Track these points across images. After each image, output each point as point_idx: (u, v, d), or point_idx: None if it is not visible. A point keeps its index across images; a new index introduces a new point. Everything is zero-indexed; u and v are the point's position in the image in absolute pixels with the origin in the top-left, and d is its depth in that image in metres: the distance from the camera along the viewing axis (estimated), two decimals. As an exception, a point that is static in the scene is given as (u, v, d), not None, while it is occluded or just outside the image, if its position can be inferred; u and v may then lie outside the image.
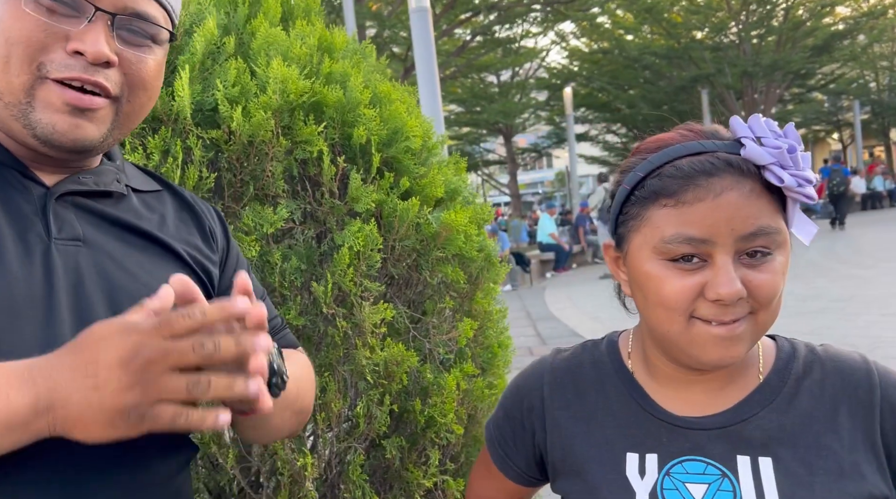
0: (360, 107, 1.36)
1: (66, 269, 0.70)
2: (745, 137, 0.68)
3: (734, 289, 0.64)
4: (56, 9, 0.68)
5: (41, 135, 0.70)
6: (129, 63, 0.72)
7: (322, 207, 1.32)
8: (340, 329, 1.27)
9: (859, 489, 0.67)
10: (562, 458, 0.80)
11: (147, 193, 0.84)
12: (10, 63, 0.68)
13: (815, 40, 19.58)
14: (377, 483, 1.35)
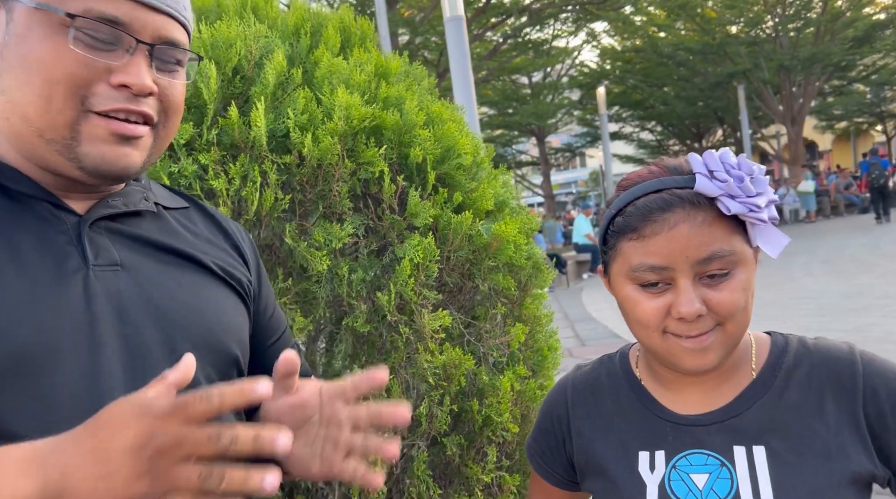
0: (415, 128, 1.46)
1: (107, 295, 0.70)
2: (698, 172, 0.77)
3: (693, 308, 0.74)
4: (97, 44, 0.69)
5: (89, 166, 0.70)
6: (163, 89, 0.74)
7: (383, 222, 1.43)
8: (403, 335, 1.37)
9: (844, 469, 0.75)
10: (586, 460, 0.90)
11: (176, 210, 0.86)
12: (53, 101, 0.68)
13: (855, 31, 19.08)
14: (439, 479, 1.45)
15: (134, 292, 0.72)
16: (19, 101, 0.69)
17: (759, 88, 19.99)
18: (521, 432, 1.55)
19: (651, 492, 0.81)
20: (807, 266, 9.61)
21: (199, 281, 0.79)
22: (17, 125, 0.70)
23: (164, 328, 0.73)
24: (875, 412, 0.76)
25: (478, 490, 1.46)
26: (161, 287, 0.75)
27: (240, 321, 0.83)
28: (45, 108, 0.68)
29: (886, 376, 0.78)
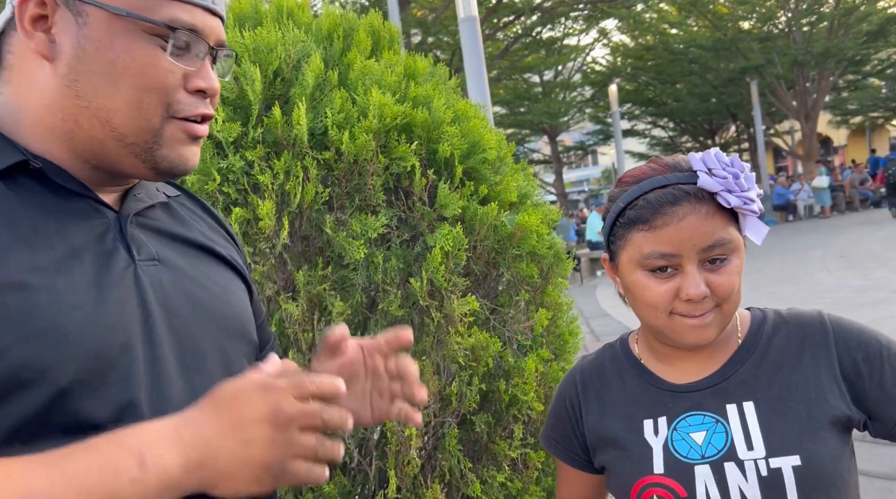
0: (443, 125, 1.55)
1: (153, 289, 0.72)
2: (699, 170, 0.87)
3: (700, 290, 0.84)
4: (181, 52, 0.71)
5: (165, 168, 0.73)
6: (215, 86, 0.77)
7: (414, 213, 1.52)
8: (434, 319, 1.47)
9: (824, 413, 0.85)
10: (597, 436, 0.99)
11: (175, 198, 0.87)
12: (143, 108, 0.69)
13: (869, 25, 18.94)
14: (468, 454, 1.54)
15: (174, 286, 0.74)
16: (103, 107, 0.69)
17: (772, 84, 19.90)
18: (545, 411, 1.64)
19: (657, 453, 0.90)
20: (822, 261, 9.61)
21: (217, 271, 0.82)
22: (92, 129, 0.70)
23: (204, 319, 0.76)
24: (849, 362, 0.87)
25: (505, 465, 1.55)
26: (193, 280, 0.77)
27: (249, 308, 0.87)
28: (134, 114, 0.69)
29: (853, 331, 0.89)
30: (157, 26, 0.69)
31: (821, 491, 0.83)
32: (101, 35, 0.69)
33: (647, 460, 0.91)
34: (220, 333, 0.77)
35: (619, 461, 0.95)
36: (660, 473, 0.89)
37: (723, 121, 25.58)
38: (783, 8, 19.69)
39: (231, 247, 0.89)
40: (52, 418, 0.62)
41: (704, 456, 0.87)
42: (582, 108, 23.46)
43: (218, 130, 1.36)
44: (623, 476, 0.93)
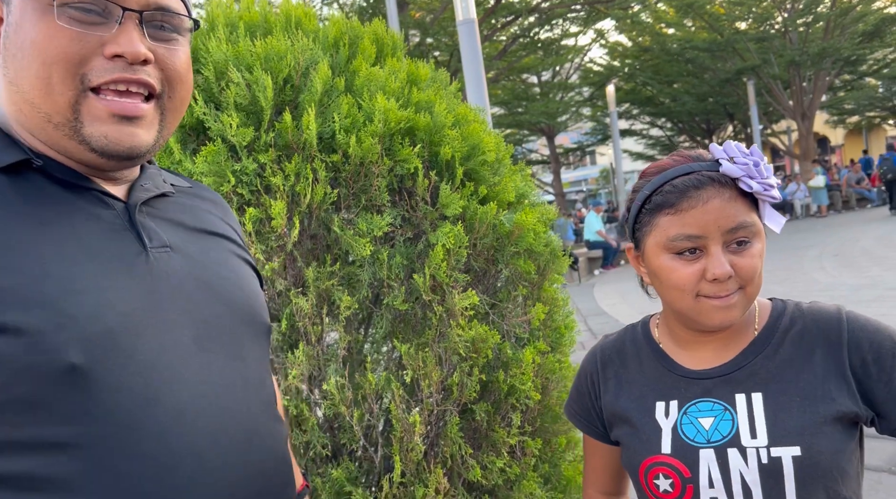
0: (444, 129, 1.63)
1: (166, 275, 0.73)
2: (721, 158, 0.92)
3: (725, 270, 0.88)
4: (85, 18, 0.68)
5: (98, 148, 0.70)
6: (163, 59, 0.73)
7: (417, 213, 1.60)
8: (437, 313, 1.55)
9: (829, 409, 0.89)
10: (613, 413, 1.05)
11: (185, 190, 0.88)
12: (52, 83, 0.67)
13: (865, 26, 19.02)
14: (469, 441, 1.62)
15: (186, 271, 0.76)
16: (24, 89, 0.68)
17: (769, 84, 20.00)
18: (542, 401, 1.73)
19: (666, 434, 0.96)
20: (818, 260, 9.70)
21: (229, 258, 0.84)
22: (30, 114, 0.70)
23: (217, 303, 0.77)
24: (859, 361, 0.90)
25: (504, 452, 1.63)
26: (205, 266, 0.79)
27: (261, 294, 0.89)
28: (46, 90, 0.67)
29: (868, 330, 0.92)
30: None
31: (818, 481, 0.87)
32: (17, 17, 0.69)
33: (657, 440, 0.96)
34: (233, 316, 0.79)
35: (630, 438, 1.00)
36: (667, 453, 0.94)
37: (720, 120, 25.69)
38: (779, 8, 19.79)
39: (235, 234, 0.91)
40: (65, 399, 0.63)
41: (710, 441, 0.92)
42: (580, 108, 23.55)
43: (232, 135, 1.44)
44: (633, 453, 0.99)
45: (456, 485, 1.58)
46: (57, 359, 0.63)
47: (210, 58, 1.52)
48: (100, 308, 0.66)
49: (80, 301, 0.65)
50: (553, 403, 1.76)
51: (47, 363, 0.62)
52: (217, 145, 1.41)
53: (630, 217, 0.99)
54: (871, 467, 3.14)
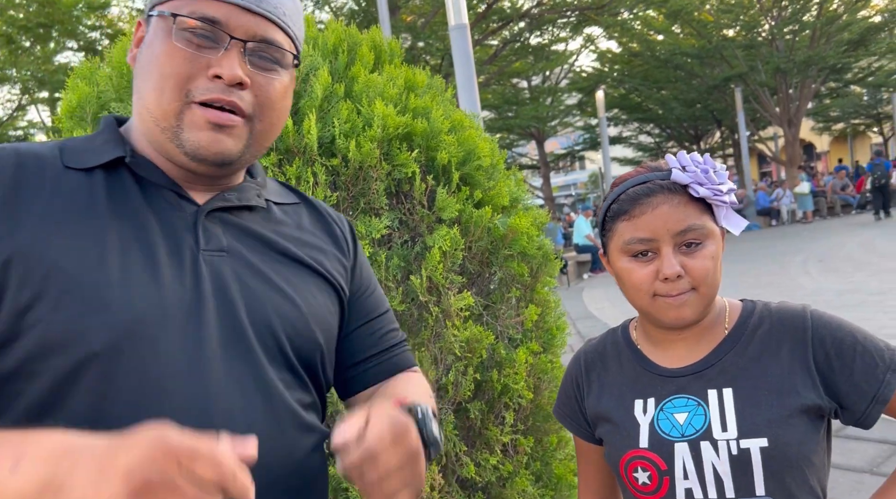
0: (441, 134, 1.68)
1: (211, 276, 0.78)
2: (673, 167, 0.99)
3: (674, 270, 0.94)
4: (198, 42, 0.78)
5: (190, 151, 0.79)
6: (258, 86, 0.81)
7: (414, 216, 1.64)
8: (433, 314, 1.59)
9: (795, 402, 0.94)
10: (596, 412, 1.10)
11: (286, 205, 0.95)
12: (164, 93, 0.78)
13: (850, 34, 19.31)
14: (464, 439, 1.66)
15: (234, 276, 0.80)
16: (143, 96, 0.80)
17: (756, 91, 20.23)
18: (534, 400, 1.77)
19: (643, 429, 1.02)
20: (804, 265, 9.83)
21: (294, 272, 0.87)
22: (145, 117, 0.81)
23: (256, 310, 0.80)
24: (822, 356, 0.96)
25: (497, 450, 1.67)
26: (258, 274, 0.83)
27: (328, 313, 0.90)
28: (158, 99, 0.79)
29: (831, 327, 0.98)
30: (165, 16, 0.79)
31: (785, 471, 0.92)
32: (150, 37, 0.81)
33: (635, 435, 1.01)
34: (276, 326, 0.81)
35: (611, 435, 1.06)
36: (644, 447, 1.00)
37: (708, 127, 25.94)
38: (766, 17, 20.04)
39: (334, 254, 0.94)
40: (80, 382, 0.69)
41: (684, 435, 0.97)
42: (569, 113, 23.70)
43: (234, 138, 1.47)
44: (614, 448, 1.04)
45: (450, 482, 1.62)
46: (80, 343, 0.69)
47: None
48: (135, 298, 0.73)
49: (119, 290, 0.72)
50: (545, 402, 1.80)
51: (72, 345, 0.69)
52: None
53: (598, 225, 1.07)
54: (853, 468, 3.21)
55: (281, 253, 0.87)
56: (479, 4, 15.88)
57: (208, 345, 0.76)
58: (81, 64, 1.71)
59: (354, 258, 1.00)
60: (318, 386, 0.89)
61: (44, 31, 15.75)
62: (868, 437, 3.44)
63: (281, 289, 0.84)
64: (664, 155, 1.04)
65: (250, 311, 0.80)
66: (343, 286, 0.95)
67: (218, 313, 0.77)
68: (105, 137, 0.84)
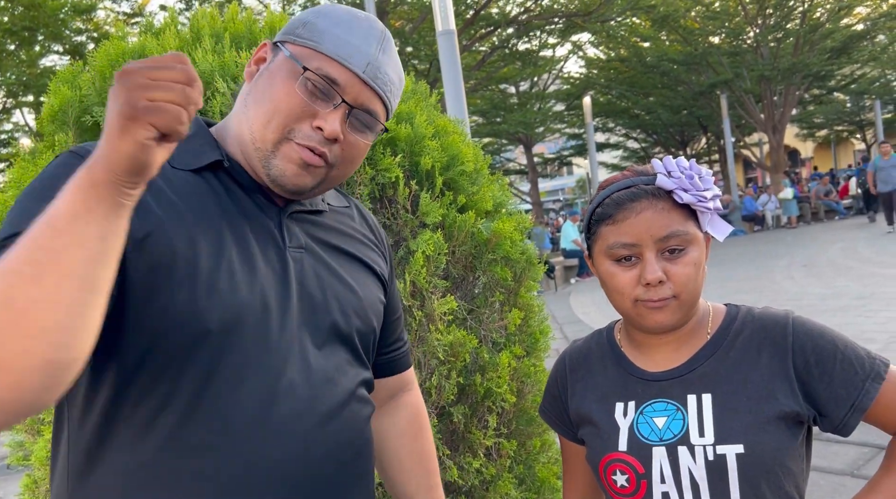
0: (425, 139, 1.69)
1: (295, 270, 0.92)
2: (659, 172, 0.99)
3: (656, 275, 0.95)
4: (316, 93, 0.89)
5: (274, 177, 0.91)
6: (349, 144, 0.93)
7: (398, 220, 1.65)
8: (416, 318, 1.60)
9: (773, 408, 0.95)
10: (578, 413, 1.11)
11: (340, 208, 1.09)
12: (270, 124, 0.89)
13: (833, 42, 19.59)
14: (447, 442, 1.67)
15: (312, 269, 0.95)
16: (251, 116, 0.92)
17: (741, 97, 20.44)
18: (517, 404, 1.78)
19: (623, 433, 1.02)
20: (787, 270, 9.93)
21: (353, 266, 1.02)
22: (244, 131, 0.92)
23: (329, 297, 0.95)
24: (802, 363, 0.97)
25: (480, 453, 1.68)
26: (329, 268, 0.98)
27: (380, 303, 1.07)
28: (264, 125, 0.90)
29: (812, 335, 0.98)
30: (298, 66, 0.90)
31: (760, 477, 0.93)
32: (274, 69, 0.92)
33: (614, 438, 1.02)
34: (341, 311, 0.96)
35: (592, 437, 1.06)
36: (623, 450, 1.00)
37: (694, 132, 26.17)
38: (751, 24, 20.27)
39: (378, 255, 1.10)
40: (194, 356, 0.81)
41: (662, 439, 0.98)
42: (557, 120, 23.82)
43: (218, 143, 1.48)
44: (594, 450, 1.05)
45: (434, 485, 1.63)
46: (197, 321, 0.82)
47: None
48: (239, 284, 0.85)
49: (226, 277, 0.85)
50: (528, 405, 1.81)
51: (191, 324, 0.81)
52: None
53: (584, 228, 1.08)
54: (834, 471, 3.24)
55: (342, 251, 1.02)
56: (467, 10, 15.94)
57: (293, 329, 0.89)
58: (64, 68, 1.71)
59: (389, 260, 1.15)
60: (370, 365, 1.05)
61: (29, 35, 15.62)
62: (849, 440, 3.48)
63: (347, 282, 0.99)
64: (651, 160, 1.05)
65: (326, 300, 0.94)
66: (387, 282, 1.11)
67: (300, 301, 0.91)
68: (201, 139, 0.95)
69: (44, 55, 16.89)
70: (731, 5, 20.12)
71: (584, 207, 28.96)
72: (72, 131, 1.57)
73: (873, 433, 3.46)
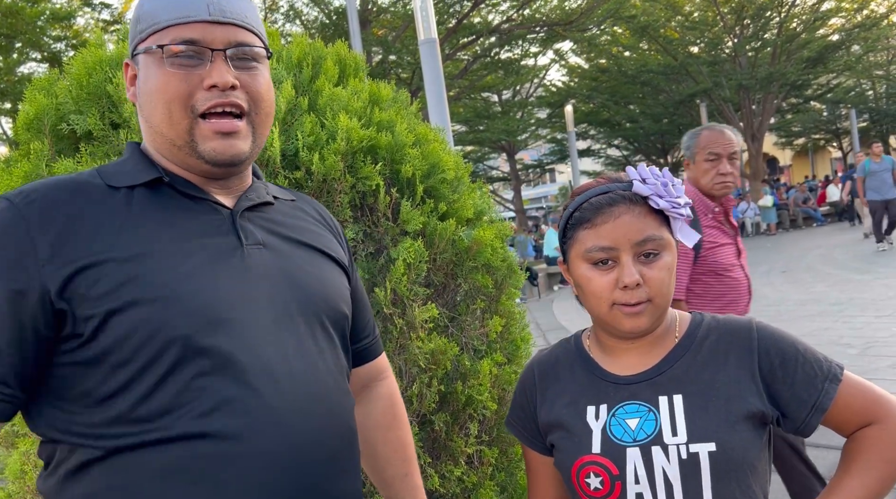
0: (405, 147, 1.69)
1: (257, 266, 0.92)
2: (634, 179, 1.02)
3: (634, 278, 0.97)
4: (187, 63, 0.89)
5: (210, 159, 0.91)
6: (247, 83, 0.92)
7: (378, 228, 1.65)
8: (397, 326, 1.59)
9: (740, 408, 0.98)
10: (548, 420, 1.11)
11: (287, 201, 1.08)
12: (173, 114, 0.90)
13: (809, 52, 19.93)
14: (428, 450, 1.67)
15: (274, 264, 0.94)
16: (154, 123, 0.92)
17: (720, 106, 20.71)
18: (498, 411, 1.78)
19: (596, 435, 1.03)
20: (767, 276, 10.05)
21: (315, 258, 1.02)
22: (161, 141, 0.92)
23: (297, 291, 0.95)
24: (767, 366, 1.00)
25: (462, 461, 1.67)
26: (291, 261, 0.97)
27: (346, 290, 1.07)
28: (169, 121, 0.90)
29: (775, 339, 1.02)
30: (153, 51, 0.91)
31: (731, 474, 0.95)
32: (144, 73, 0.93)
33: (587, 441, 1.03)
34: (311, 304, 0.96)
35: (563, 441, 1.07)
36: (597, 452, 1.01)
37: (675, 140, 26.40)
38: (730, 34, 20.57)
39: (336, 245, 1.10)
40: (165, 362, 0.82)
41: (636, 440, 0.99)
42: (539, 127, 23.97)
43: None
44: (566, 453, 1.06)
45: (415, 494, 1.62)
46: (166, 329, 0.82)
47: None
48: (200, 288, 0.86)
49: (186, 283, 0.85)
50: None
51: (162, 332, 0.82)
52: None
53: (559, 233, 1.09)
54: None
55: (299, 242, 1.01)
56: (450, 19, 16.02)
57: (264, 323, 0.89)
58: (41, 76, 1.69)
59: (346, 246, 1.15)
60: (347, 351, 1.04)
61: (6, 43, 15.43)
62: (828, 444, 3.51)
63: (312, 272, 0.99)
64: (626, 168, 1.07)
65: (292, 292, 0.94)
66: (348, 268, 1.10)
67: (268, 297, 0.91)
68: (135, 160, 0.96)
69: (21, 63, 16.69)
70: (710, 16, 20.41)
71: (566, 214, 29.15)
72: (48, 139, 1.55)
73: (851, 437, 3.49)
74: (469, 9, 15.91)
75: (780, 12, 19.57)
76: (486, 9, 16.99)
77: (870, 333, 5.57)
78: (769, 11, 19.51)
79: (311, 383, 0.91)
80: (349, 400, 0.99)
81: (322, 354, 0.95)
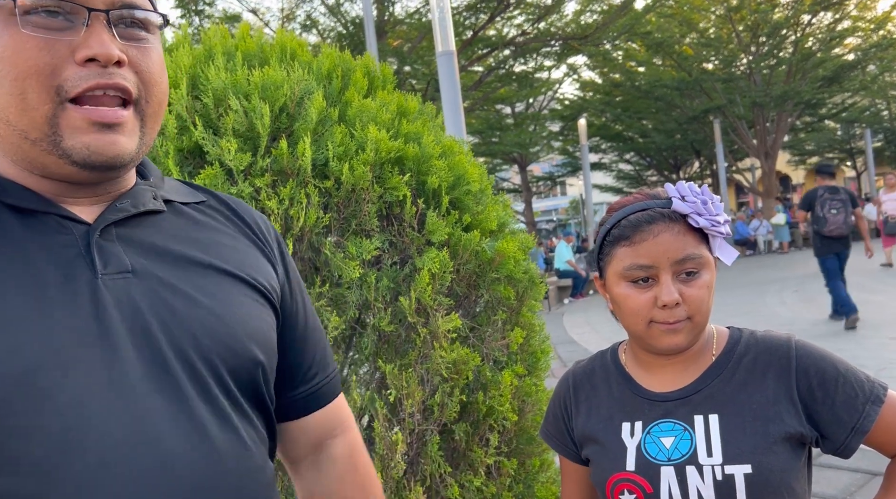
0: (432, 159, 1.72)
1: (118, 303, 0.66)
2: (673, 197, 1.02)
3: (673, 297, 0.97)
4: (51, 24, 0.63)
5: (80, 159, 0.65)
6: (136, 61, 0.68)
7: (404, 238, 1.67)
8: (421, 335, 1.61)
9: (778, 429, 0.97)
10: (583, 433, 1.12)
11: (192, 205, 0.81)
12: (28, 97, 0.63)
13: (824, 71, 19.92)
14: (448, 460, 1.68)
15: (147, 298, 0.68)
16: (2, 108, 0.64)
17: (734, 123, 20.70)
18: (518, 423, 1.79)
19: (630, 452, 1.03)
20: (779, 294, 9.99)
21: (219, 284, 0.75)
22: (5, 132, 0.66)
23: (179, 333, 0.69)
24: (805, 386, 0.99)
25: (481, 471, 1.68)
26: (178, 292, 0.71)
27: (264, 324, 0.78)
28: (21, 106, 0.63)
29: (814, 358, 1.01)
30: (6, 2, 0.63)
31: (767, 497, 0.94)
32: None
33: (622, 458, 1.03)
34: (199, 349, 0.70)
35: (598, 456, 1.07)
36: (631, 470, 1.01)
37: (687, 156, 26.41)
38: (745, 52, 20.58)
39: (257, 257, 0.83)
40: None
41: (670, 459, 0.99)
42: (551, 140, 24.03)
43: (230, 159, 1.50)
44: (601, 469, 1.06)
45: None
46: None
47: (209, 85, 1.58)
48: (21, 345, 0.60)
49: (0, 340, 0.60)
50: (528, 425, 1.82)
51: None
52: (215, 169, 1.47)
53: (595, 249, 1.09)
54: (826, 497, 3.25)
55: (195, 262, 0.74)
56: (466, 32, 16.12)
57: (123, 384, 0.63)
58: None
59: (282, 258, 0.87)
60: (264, 411, 0.78)
61: None
62: (841, 465, 3.49)
63: (204, 305, 0.72)
64: (644, 183, 1.08)
65: (171, 337, 0.68)
66: (274, 290, 0.82)
67: (133, 345, 0.65)
68: None
69: None
70: (725, 33, 20.44)
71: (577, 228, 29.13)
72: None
73: (866, 460, 3.48)
74: (485, 22, 16.02)
75: (796, 31, 19.57)
76: (502, 22, 17.09)
77: (885, 353, 5.53)
78: (785, 30, 19.51)
79: (197, 472, 0.65)
80: (256, 480, 0.71)
81: (212, 427, 0.68)
